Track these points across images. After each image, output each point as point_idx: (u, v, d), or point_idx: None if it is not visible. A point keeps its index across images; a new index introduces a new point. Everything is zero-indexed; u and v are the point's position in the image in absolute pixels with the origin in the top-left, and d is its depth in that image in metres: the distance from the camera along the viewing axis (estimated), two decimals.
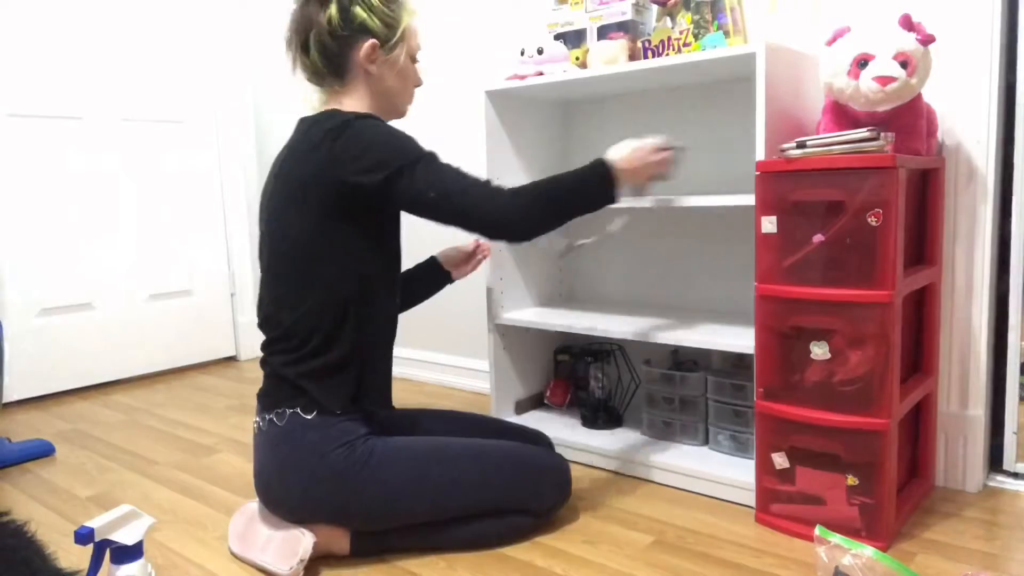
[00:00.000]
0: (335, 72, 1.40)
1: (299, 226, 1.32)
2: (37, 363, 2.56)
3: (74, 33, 2.59)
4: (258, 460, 1.36)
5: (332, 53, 1.38)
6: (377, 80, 1.42)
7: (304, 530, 1.30)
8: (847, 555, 1.09)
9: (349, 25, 1.36)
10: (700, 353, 1.88)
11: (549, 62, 1.80)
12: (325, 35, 1.37)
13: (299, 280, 1.33)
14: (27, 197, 2.51)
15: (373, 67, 1.40)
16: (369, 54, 1.38)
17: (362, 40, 1.38)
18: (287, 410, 1.32)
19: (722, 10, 1.60)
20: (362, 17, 1.36)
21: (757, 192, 1.38)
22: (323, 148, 1.29)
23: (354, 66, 1.39)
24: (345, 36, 1.37)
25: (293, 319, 1.33)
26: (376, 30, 1.38)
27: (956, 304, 1.56)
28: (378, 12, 1.38)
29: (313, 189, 1.30)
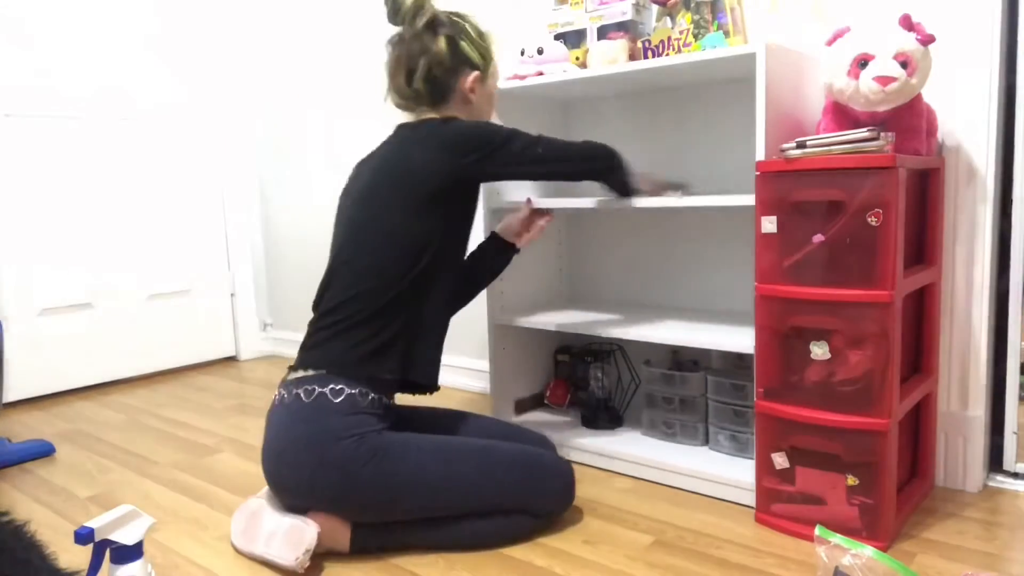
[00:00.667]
0: (438, 99, 1.52)
1: (389, 212, 1.41)
2: (37, 363, 2.56)
3: (74, 33, 2.60)
4: (271, 434, 1.38)
5: (439, 82, 1.50)
6: (473, 107, 1.55)
7: (308, 520, 1.31)
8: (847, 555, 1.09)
9: (456, 57, 1.50)
10: (700, 353, 1.88)
11: (549, 62, 1.80)
12: (436, 65, 1.49)
13: (372, 262, 1.40)
14: (27, 197, 2.51)
15: (474, 96, 1.53)
16: (473, 85, 1.52)
17: (466, 71, 1.51)
18: (317, 388, 1.34)
19: (722, 10, 1.61)
20: (466, 50, 1.51)
21: (757, 192, 1.38)
22: (432, 140, 1.42)
23: (455, 94, 1.52)
24: (452, 67, 1.50)
25: (352, 295, 1.39)
26: (477, 63, 1.52)
27: (956, 304, 1.56)
28: (478, 46, 1.53)
29: (415, 178, 1.40)
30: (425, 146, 1.42)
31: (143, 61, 2.78)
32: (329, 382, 1.35)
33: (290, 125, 3.03)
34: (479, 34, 1.54)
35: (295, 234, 3.10)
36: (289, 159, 3.06)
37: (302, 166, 3.02)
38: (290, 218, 3.11)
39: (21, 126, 2.49)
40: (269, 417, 1.40)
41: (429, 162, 1.41)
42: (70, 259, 2.63)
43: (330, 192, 2.92)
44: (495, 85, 1.60)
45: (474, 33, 1.53)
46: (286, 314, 3.20)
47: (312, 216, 3.01)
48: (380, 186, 1.44)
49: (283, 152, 3.09)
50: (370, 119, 2.71)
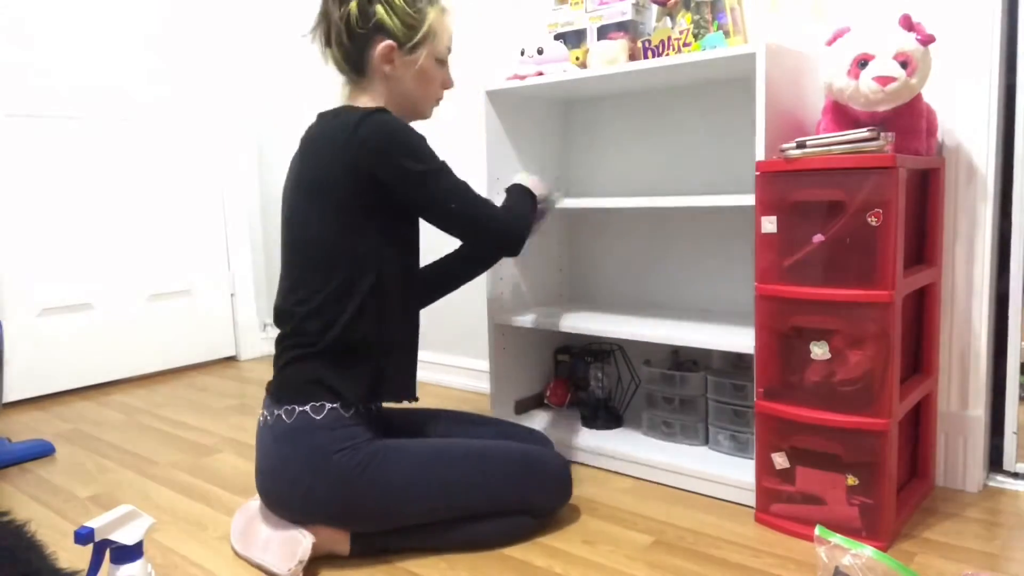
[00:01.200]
0: (354, 69, 1.42)
1: (319, 218, 1.33)
2: (37, 363, 2.56)
3: (74, 33, 2.60)
4: (261, 456, 1.36)
5: (349, 50, 1.39)
6: (395, 81, 1.41)
7: (304, 531, 1.30)
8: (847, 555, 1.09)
9: (367, 23, 1.36)
10: (700, 353, 1.88)
11: (549, 62, 1.80)
12: (343, 31, 1.37)
13: (317, 272, 1.34)
14: (27, 197, 2.51)
15: (389, 68, 1.40)
16: (385, 54, 1.38)
17: (379, 39, 1.37)
18: (297, 408, 1.31)
19: (722, 10, 1.60)
20: (381, 16, 1.36)
21: (757, 192, 1.38)
22: (341, 142, 1.30)
23: (371, 65, 1.39)
24: (362, 34, 1.37)
25: (308, 311, 1.33)
26: (394, 30, 1.37)
27: (956, 304, 1.56)
28: (399, 11, 1.36)
29: (331, 182, 1.31)
30: (336, 148, 1.31)
31: (143, 61, 2.78)
32: (308, 400, 1.31)
33: (290, 125, 3.03)
34: (406, 1, 1.37)
35: None
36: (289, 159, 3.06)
37: None
38: None
39: (21, 126, 2.49)
40: (257, 438, 1.39)
41: (341, 167, 1.30)
42: (70, 259, 2.63)
43: None
44: (431, 60, 1.43)
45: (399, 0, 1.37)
46: None
47: None
48: (303, 189, 1.36)
49: (283, 152, 3.09)
50: None
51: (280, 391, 1.35)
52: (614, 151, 2.06)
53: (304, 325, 1.34)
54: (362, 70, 1.41)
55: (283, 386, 1.35)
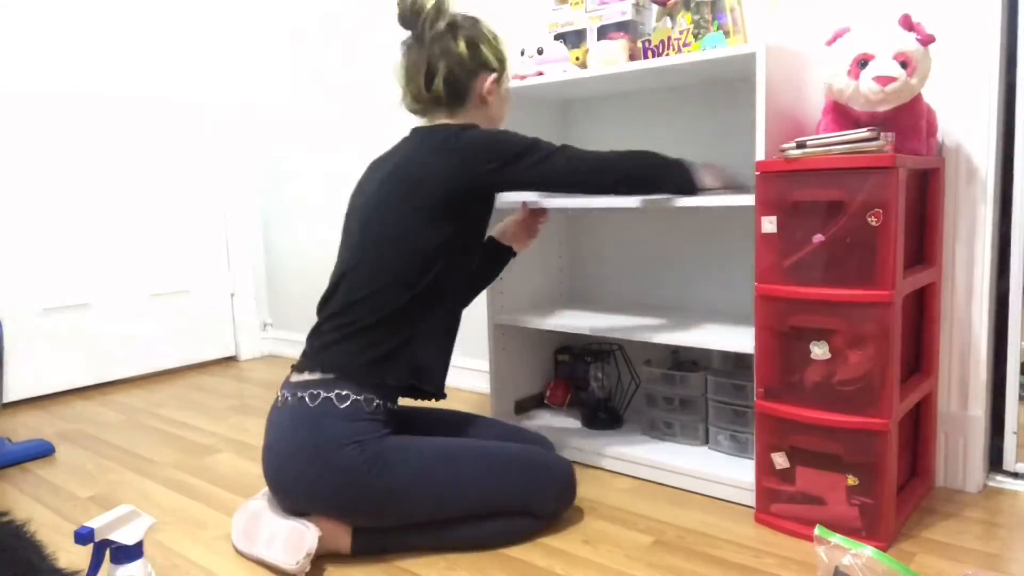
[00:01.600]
0: (455, 102, 1.50)
1: (403, 219, 1.40)
2: (37, 363, 2.56)
3: (74, 33, 2.60)
4: (274, 436, 1.37)
5: (459, 84, 1.49)
6: (489, 108, 1.54)
7: (308, 523, 1.31)
8: (847, 555, 1.09)
9: (475, 59, 1.49)
10: (700, 353, 1.88)
11: (549, 62, 1.80)
12: (456, 67, 1.48)
13: (382, 268, 1.39)
14: (27, 197, 2.51)
15: (491, 98, 1.53)
16: (491, 88, 1.51)
17: (484, 74, 1.51)
18: (322, 393, 1.33)
19: (722, 10, 1.60)
20: (486, 52, 1.50)
21: (757, 192, 1.38)
22: (448, 149, 1.41)
23: (473, 97, 1.51)
24: (471, 70, 1.49)
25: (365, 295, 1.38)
26: (495, 65, 1.52)
27: (956, 304, 1.56)
28: (495, 49, 1.52)
29: (429, 186, 1.39)
30: (441, 152, 1.41)
31: (143, 61, 2.78)
32: (334, 387, 1.34)
33: (291, 125, 3.03)
34: (494, 37, 1.53)
35: (295, 234, 3.10)
36: (289, 159, 3.06)
37: (302, 166, 3.02)
38: (290, 218, 3.11)
39: (21, 126, 2.49)
40: (271, 418, 1.40)
41: (445, 169, 1.39)
42: (70, 259, 2.63)
43: (330, 192, 2.92)
44: (508, 88, 1.60)
45: (490, 36, 1.52)
46: (286, 314, 3.20)
47: (312, 216, 3.01)
48: (393, 191, 1.42)
49: (283, 152, 3.09)
50: (371, 120, 2.71)
51: (314, 365, 1.38)
52: None
53: (357, 307, 1.39)
54: (462, 103, 1.51)
55: (313, 367, 1.38)
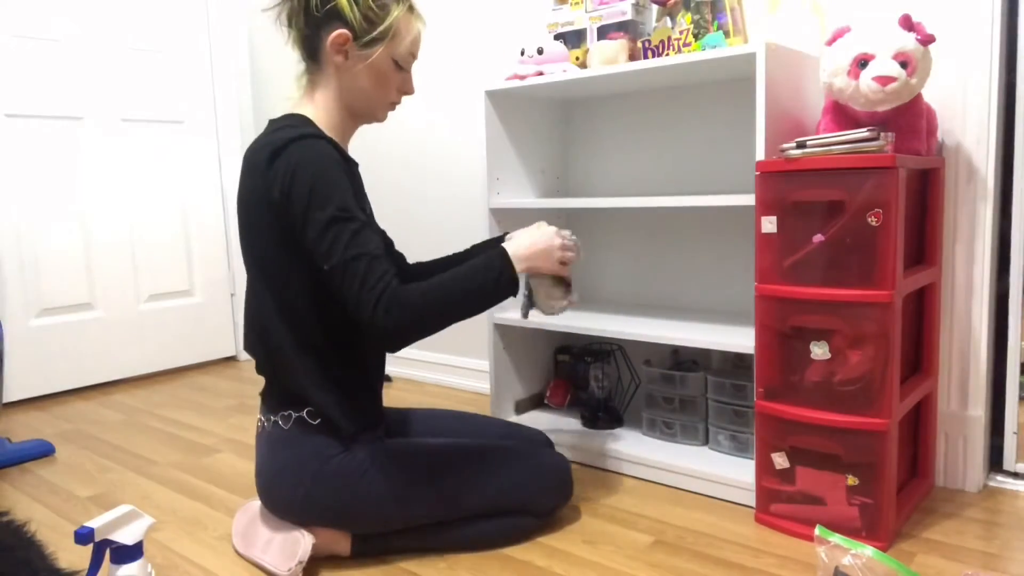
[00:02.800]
0: (309, 54, 1.35)
1: (257, 245, 1.30)
2: (37, 363, 2.56)
3: (74, 33, 2.60)
4: (260, 460, 1.36)
5: (305, 32, 1.33)
6: (348, 75, 1.33)
7: (304, 531, 1.30)
8: (847, 555, 1.09)
9: (324, 6, 1.29)
10: (700, 353, 1.88)
11: (549, 62, 1.80)
12: (299, 12, 1.31)
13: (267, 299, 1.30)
14: (27, 197, 2.51)
15: (340, 59, 1.31)
16: (338, 44, 1.30)
17: (335, 26, 1.29)
18: (292, 414, 1.31)
19: (722, 10, 1.60)
20: (340, 2, 1.28)
21: (757, 192, 1.38)
22: (262, 167, 1.24)
23: (324, 53, 1.32)
24: (318, 18, 1.30)
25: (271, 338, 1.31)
26: (352, 20, 1.29)
27: (956, 304, 1.56)
28: (361, 3, 1.29)
29: (255, 209, 1.28)
30: (254, 170, 1.27)
31: (143, 60, 2.78)
32: (303, 406, 1.31)
33: None
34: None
35: None
36: None
37: None
38: None
39: (22, 126, 2.49)
40: (256, 443, 1.39)
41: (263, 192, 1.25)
42: (70, 259, 2.63)
43: None
44: (390, 61, 1.34)
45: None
46: None
47: None
48: (241, 218, 1.32)
49: None
50: None
51: (272, 399, 1.35)
52: (614, 151, 2.06)
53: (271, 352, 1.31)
54: (316, 57, 1.34)
55: (273, 395, 1.35)
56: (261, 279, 1.31)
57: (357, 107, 1.38)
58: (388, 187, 2.69)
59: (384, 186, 2.70)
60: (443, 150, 2.51)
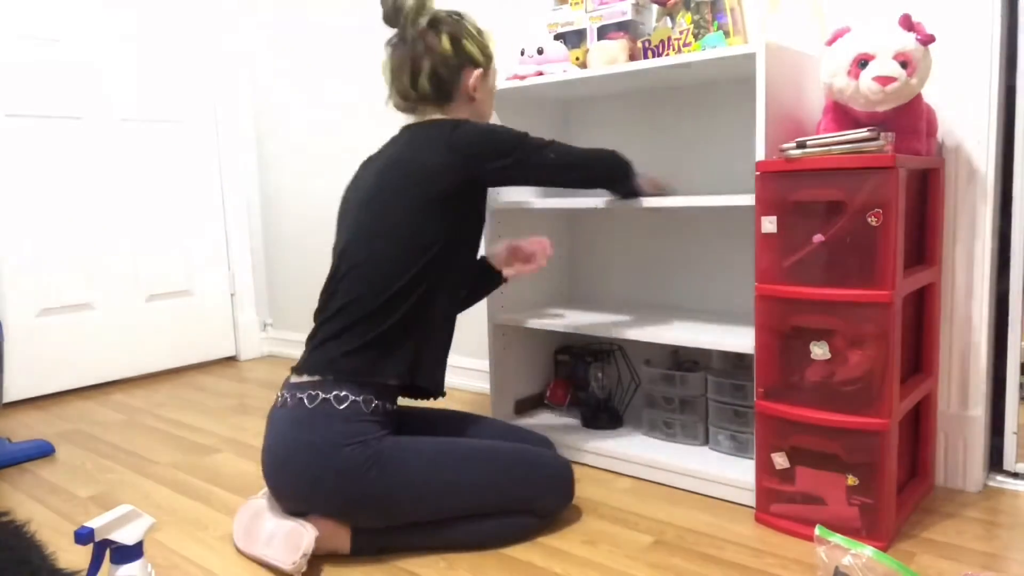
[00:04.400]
0: (443, 98, 1.51)
1: (396, 213, 1.40)
2: (37, 363, 2.56)
3: (74, 33, 2.60)
4: (273, 438, 1.36)
5: (444, 81, 1.49)
6: (476, 104, 1.55)
7: (307, 524, 1.31)
8: (847, 555, 1.09)
9: (460, 55, 1.49)
10: (700, 353, 1.88)
11: (549, 62, 1.80)
12: (440, 64, 1.48)
13: (376, 263, 1.39)
14: (27, 197, 2.51)
15: (477, 94, 1.53)
16: (476, 83, 1.51)
17: (469, 69, 1.51)
18: (320, 395, 1.33)
19: (722, 10, 1.61)
20: (469, 48, 1.50)
21: (757, 192, 1.38)
22: (442, 142, 1.41)
23: (460, 93, 1.51)
24: (456, 66, 1.49)
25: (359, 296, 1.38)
26: (479, 60, 1.52)
27: (956, 304, 1.56)
28: (479, 43, 1.52)
29: (425, 179, 1.40)
30: (435, 147, 1.41)
31: (143, 60, 2.79)
32: (333, 388, 1.34)
33: (290, 124, 3.03)
34: (478, 31, 1.53)
35: (295, 234, 3.10)
36: (290, 158, 3.06)
37: (303, 165, 3.02)
38: (290, 218, 3.11)
39: (22, 126, 2.49)
40: (270, 418, 1.40)
41: (439, 163, 1.40)
42: (70, 259, 2.63)
43: (330, 191, 2.92)
44: (495, 82, 1.60)
45: (474, 30, 1.52)
46: (286, 314, 3.20)
47: (312, 216, 3.01)
48: (387, 187, 1.42)
49: (284, 151, 3.09)
50: (371, 120, 2.71)
51: (306, 372, 1.37)
52: None
53: (353, 306, 1.38)
54: (449, 99, 1.51)
55: (310, 369, 1.37)
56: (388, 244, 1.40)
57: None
58: None
59: None
60: None
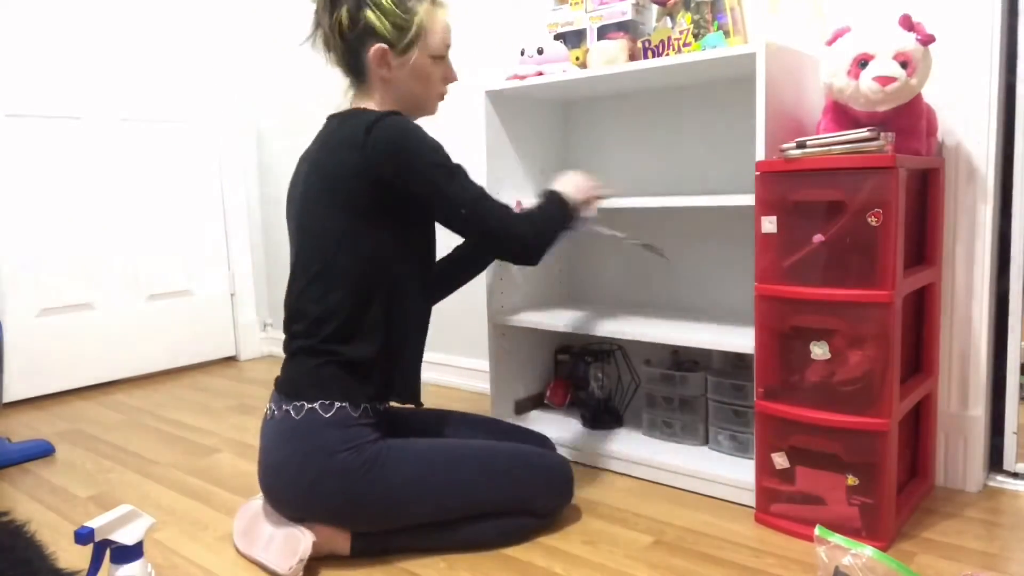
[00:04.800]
0: (353, 73, 1.43)
1: (331, 219, 1.33)
2: (37, 363, 2.56)
3: (74, 33, 2.60)
4: (266, 451, 1.36)
5: (344, 55, 1.40)
6: (394, 83, 1.41)
7: (304, 529, 1.30)
8: (847, 555, 1.09)
9: (356, 27, 1.36)
10: (700, 353, 1.88)
11: (549, 62, 1.80)
12: (335, 36, 1.38)
13: (328, 273, 1.33)
14: (27, 197, 2.51)
15: (385, 71, 1.39)
16: (379, 58, 1.38)
17: (372, 43, 1.37)
18: (306, 404, 1.31)
19: (722, 10, 1.61)
20: (370, 19, 1.35)
21: (757, 192, 1.38)
22: (355, 144, 1.30)
23: (368, 69, 1.39)
24: (354, 39, 1.37)
25: (319, 311, 1.34)
26: (385, 33, 1.36)
27: (956, 304, 1.56)
28: (388, 13, 1.35)
29: (344, 184, 1.31)
30: (346, 146, 1.31)
31: (143, 60, 2.78)
32: (318, 396, 1.32)
33: (290, 124, 3.03)
34: (395, 2, 1.36)
35: None
36: (290, 158, 3.06)
37: None
38: None
39: (22, 126, 2.49)
40: (262, 432, 1.39)
41: (353, 166, 1.30)
42: (70, 259, 2.63)
43: None
44: (427, 58, 1.41)
45: (387, 1, 1.35)
46: None
47: None
48: (313, 190, 1.36)
49: (283, 152, 3.09)
50: None
51: (288, 385, 1.35)
52: (614, 151, 2.06)
53: (313, 325, 1.34)
54: (361, 74, 1.41)
55: (292, 381, 1.36)
56: (329, 251, 1.33)
57: (411, 108, 1.46)
58: None
59: None
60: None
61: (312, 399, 1.31)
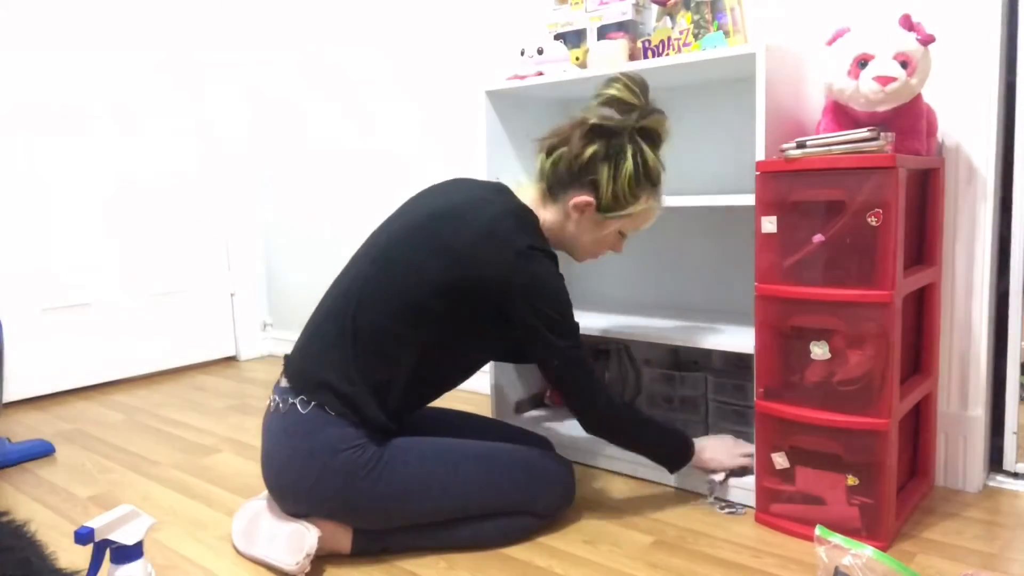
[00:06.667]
0: (548, 186, 1.44)
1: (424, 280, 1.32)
2: (37, 363, 2.56)
3: (74, 33, 2.59)
4: (269, 444, 1.36)
5: (560, 177, 1.41)
6: (575, 226, 1.44)
7: (308, 525, 1.31)
8: (847, 555, 1.09)
9: (586, 171, 1.38)
10: (700, 353, 1.88)
11: (549, 62, 1.80)
12: (566, 160, 1.39)
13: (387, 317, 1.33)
14: (27, 197, 2.51)
15: (577, 216, 1.42)
16: (581, 207, 1.40)
17: (585, 191, 1.39)
18: (313, 402, 1.32)
19: (722, 10, 1.61)
20: (601, 176, 1.37)
21: (757, 192, 1.38)
22: (499, 260, 1.30)
23: (565, 202, 1.42)
24: (574, 172, 1.39)
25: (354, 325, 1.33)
26: (602, 195, 1.39)
27: (956, 304, 1.56)
28: (618, 185, 1.37)
29: (462, 272, 1.31)
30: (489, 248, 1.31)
31: (143, 60, 2.78)
32: (325, 398, 1.32)
33: (290, 125, 3.03)
34: (631, 179, 1.36)
35: (295, 234, 3.10)
36: (290, 158, 3.06)
37: (303, 166, 3.02)
38: (290, 218, 3.11)
39: (21, 127, 2.49)
40: (265, 424, 1.39)
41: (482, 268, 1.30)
42: (70, 259, 2.63)
43: (331, 192, 2.92)
44: (612, 233, 1.45)
45: (626, 172, 1.36)
46: (286, 314, 3.20)
47: (313, 216, 3.01)
48: (429, 249, 1.33)
49: (284, 151, 3.09)
50: (372, 119, 2.71)
51: (299, 378, 1.35)
52: None
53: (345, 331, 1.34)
54: (554, 195, 1.43)
55: (304, 375, 1.35)
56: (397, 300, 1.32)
57: (565, 246, 1.49)
58: (388, 187, 2.69)
59: (384, 186, 2.70)
60: (443, 150, 2.51)
61: (320, 398, 1.32)
